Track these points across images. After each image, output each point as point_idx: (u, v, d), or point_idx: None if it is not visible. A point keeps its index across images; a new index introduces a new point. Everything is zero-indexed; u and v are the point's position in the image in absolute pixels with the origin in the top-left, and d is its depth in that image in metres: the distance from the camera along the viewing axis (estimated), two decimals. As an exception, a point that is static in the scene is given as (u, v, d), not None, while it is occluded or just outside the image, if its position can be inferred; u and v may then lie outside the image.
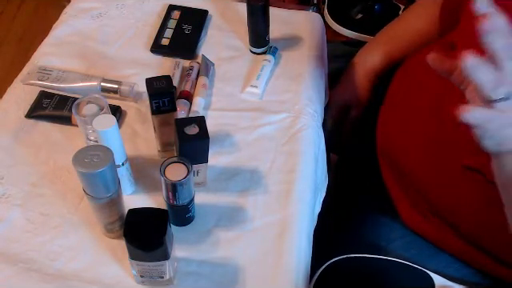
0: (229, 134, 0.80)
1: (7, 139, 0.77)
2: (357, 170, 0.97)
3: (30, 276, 0.64)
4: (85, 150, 0.57)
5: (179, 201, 0.65)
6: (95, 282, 0.64)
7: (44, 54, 0.89)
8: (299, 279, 0.66)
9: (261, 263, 0.66)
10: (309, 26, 0.97)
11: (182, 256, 0.66)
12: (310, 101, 0.85)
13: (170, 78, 0.69)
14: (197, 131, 0.66)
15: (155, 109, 0.69)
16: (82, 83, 0.83)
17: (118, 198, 0.63)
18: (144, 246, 0.57)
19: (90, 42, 0.92)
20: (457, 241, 0.74)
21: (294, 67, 0.90)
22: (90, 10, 0.97)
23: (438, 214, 0.75)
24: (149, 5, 0.98)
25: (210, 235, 0.69)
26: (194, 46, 0.91)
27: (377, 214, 0.85)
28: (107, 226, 0.66)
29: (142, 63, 0.89)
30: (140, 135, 0.79)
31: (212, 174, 0.74)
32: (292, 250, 0.68)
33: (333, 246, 0.83)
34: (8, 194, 0.71)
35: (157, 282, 0.63)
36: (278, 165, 0.76)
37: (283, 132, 0.80)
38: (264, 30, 0.89)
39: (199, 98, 0.82)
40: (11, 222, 0.69)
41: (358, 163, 0.97)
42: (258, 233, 0.69)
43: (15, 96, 0.83)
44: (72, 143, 0.77)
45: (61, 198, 0.71)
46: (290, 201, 0.72)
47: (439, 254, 0.78)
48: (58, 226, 0.69)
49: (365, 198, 0.89)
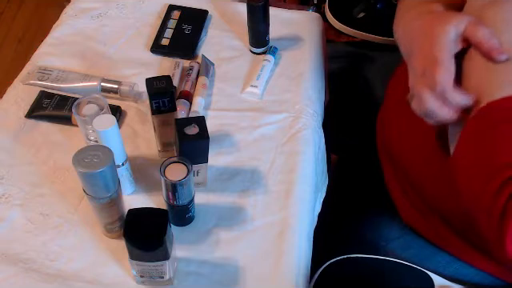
0: (229, 134, 0.80)
1: (7, 139, 0.77)
2: (357, 170, 0.97)
3: (30, 276, 0.64)
4: (85, 150, 0.57)
5: (179, 201, 0.65)
6: (95, 282, 0.64)
7: (44, 54, 0.89)
8: (299, 279, 0.66)
9: (261, 263, 0.66)
10: (309, 26, 0.97)
11: (182, 256, 0.66)
12: (310, 101, 0.85)
13: (169, 78, 0.69)
14: (197, 131, 0.66)
15: (155, 109, 0.69)
16: (81, 83, 0.83)
17: (117, 198, 0.63)
18: (144, 246, 0.57)
19: (90, 41, 0.92)
20: (456, 240, 0.74)
21: (293, 67, 0.90)
22: (89, 10, 0.97)
23: (438, 213, 0.75)
24: (149, 5, 0.98)
25: (210, 235, 0.69)
26: (194, 46, 0.91)
27: (376, 213, 0.85)
28: (107, 225, 0.66)
29: (142, 63, 0.89)
30: (140, 135, 0.79)
31: (212, 174, 0.74)
32: (292, 250, 0.68)
33: (332, 245, 0.83)
34: (8, 194, 0.71)
35: (157, 282, 0.63)
36: (278, 165, 0.76)
37: (283, 132, 0.80)
38: (264, 30, 0.89)
39: (199, 98, 0.82)
40: (11, 222, 0.69)
41: (358, 163, 0.97)
42: (257, 233, 0.69)
43: (15, 96, 0.83)
44: (72, 143, 0.77)
45: (61, 198, 0.71)
46: (290, 201, 0.72)
47: (439, 253, 0.78)
48: (58, 226, 0.69)
49: (364, 197, 0.89)
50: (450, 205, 0.72)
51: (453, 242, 0.76)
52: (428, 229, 0.79)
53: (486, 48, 0.56)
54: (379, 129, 0.86)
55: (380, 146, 0.86)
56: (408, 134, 0.79)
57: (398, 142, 0.80)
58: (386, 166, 0.85)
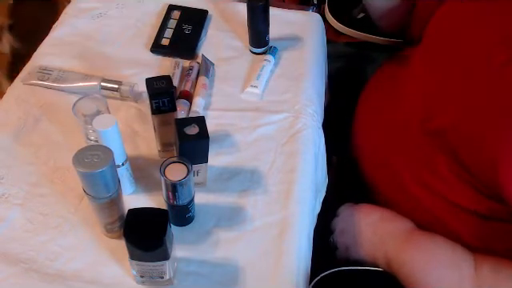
0: (229, 134, 0.80)
1: (7, 139, 0.77)
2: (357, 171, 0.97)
3: (30, 276, 0.64)
4: (85, 150, 0.57)
5: (179, 201, 0.65)
6: (95, 282, 0.64)
7: (44, 54, 0.89)
8: (299, 279, 0.66)
9: (261, 263, 0.66)
10: (309, 25, 0.97)
11: (182, 256, 0.66)
12: (309, 101, 0.85)
13: (169, 78, 0.69)
14: (197, 131, 0.66)
15: (155, 109, 0.69)
16: (81, 83, 0.83)
17: (117, 198, 0.63)
18: (144, 246, 0.57)
19: (90, 41, 0.92)
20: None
21: (294, 67, 0.90)
22: (90, 10, 0.97)
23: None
24: (149, 5, 0.98)
25: (210, 235, 0.69)
26: (194, 46, 0.91)
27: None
28: (107, 226, 0.66)
29: (142, 63, 0.89)
30: (140, 135, 0.79)
31: (212, 174, 0.74)
32: (292, 250, 0.68)
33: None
34: (8, 194, 0.71)
35: (157, 282, 0.63)
36: (278, 165, 0.76)
37: (283, 132, 0.80)
38: (264, 30, 0.89)
39: (199, 97, 0.82)
40: (11, 221, 0.69)
41: (358, 163, 0.97)
42: (257, 233, 0.69)
43: (15, 96, 0.83)
44: (72, 143, 0.76)
45: (61, 198, 0.71)
46: (290, 201, 0.72)
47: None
48: (58, 226, 0.69)
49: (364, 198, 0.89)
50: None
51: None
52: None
53: None
54: (358, 133, 0.89)
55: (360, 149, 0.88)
56: (387, 137, 0.81)
57: (381, 147, 0.83)
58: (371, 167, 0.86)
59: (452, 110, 0.68)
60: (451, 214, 0.70)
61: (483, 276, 0.66)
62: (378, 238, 0.76)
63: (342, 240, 0.80)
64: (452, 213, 0.70)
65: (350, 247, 0.78)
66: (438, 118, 0.70)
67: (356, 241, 0.78)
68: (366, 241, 0.77)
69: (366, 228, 0.77)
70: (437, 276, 0.68)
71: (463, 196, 0.68)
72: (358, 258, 0.78)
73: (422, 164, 0.73)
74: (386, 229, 0.76)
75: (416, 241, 0.73)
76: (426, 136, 0.73)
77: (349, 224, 0.80)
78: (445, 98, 0.70)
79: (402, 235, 0.74)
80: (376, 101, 0.88)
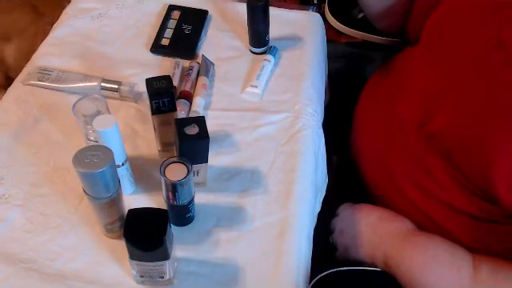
0: (229, 134, 0.80)
1: (7, 139, 0.77)
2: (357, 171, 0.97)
3: (30, 276, 0.64)
4: (85, 150, 0.57)
5: (179, 201, 0.65)
6: (95, 282, 0.64)
7: (44, 54, 0.89)
8: (299, 279, 0.66)
9: (261, 263, 0.66)
10: (309, 25, 0.97)
11: (182, 256, 0.66)
12: (310, 101, 0.85)
13: (169, 78, 0.69)
14: (197, 131, 0.66)
15: (155, 109, 0.69)
16: (81, 83, 0.83)
17: (117, 198, 0.63)
18: (144, 246, 0.57)
19: (90, 42, 0.92)
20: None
21: (294, 67, 0.90)
22: (90, 10, 0.97)
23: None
24: (149, 5, 0.98)
25: (210, 235, 0.69)
26: (194, 46, 0.91)
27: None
28: (107, 226, 0.66)
29: (142, 63, 0.89)
30: (140, 135, 0.79)
31: (212, 173, 0.74)
32: (292, 250, 0.68)
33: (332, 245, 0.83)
34: (8, 194, 0.71)
35: (157, 282, 0.63)
36: (278, 165, 0.76)
37: (283, 132, 0.80)
38: (264, 30, 0.89)
39: (199, 98, 0.82)
40: (11, 221, 0.69)
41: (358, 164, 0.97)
42: (257, 233, 0.69)
43: (15, 96, 0.83)
44: (72, 143, 0.77)
45: (61, 198, 0.71)
46: (290, 201, 0.72)
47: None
48: (58, 226, 0.69)
49: (364, 198, 0.89)
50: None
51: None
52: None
53: None
54: (357, 132, 0.89)
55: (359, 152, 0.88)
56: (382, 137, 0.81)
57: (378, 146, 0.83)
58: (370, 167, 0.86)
59: (449, 111, 0.68)
60: (446, 216, 0.71)
61: (482, 276, 0.66)
62: (377, 238, 0.76)
63: (342, 240, 0.80)
64: (447, 215, 0.70)
65: (349, 247, 0.78)
66: (435, 119, 0.70)
67: (355, 241, 0.78)
68: (365, 241, 0.77)
69: (365, 228, 0.77)
70: (436, 276, 0.68)
71: (458, 198, 0.68)
72: (357, 257, 0.77)
73: (417, 166, 0.73)
74: (386, 229, 0.76)
75: (415, 241, 0.73)
76: (422, 138, 0.73)
77: (348, 224, 0.79)
78: (442, 99, 0.71)
79: (401, 235, 0.74)
80: (375, 101, 0.88)
